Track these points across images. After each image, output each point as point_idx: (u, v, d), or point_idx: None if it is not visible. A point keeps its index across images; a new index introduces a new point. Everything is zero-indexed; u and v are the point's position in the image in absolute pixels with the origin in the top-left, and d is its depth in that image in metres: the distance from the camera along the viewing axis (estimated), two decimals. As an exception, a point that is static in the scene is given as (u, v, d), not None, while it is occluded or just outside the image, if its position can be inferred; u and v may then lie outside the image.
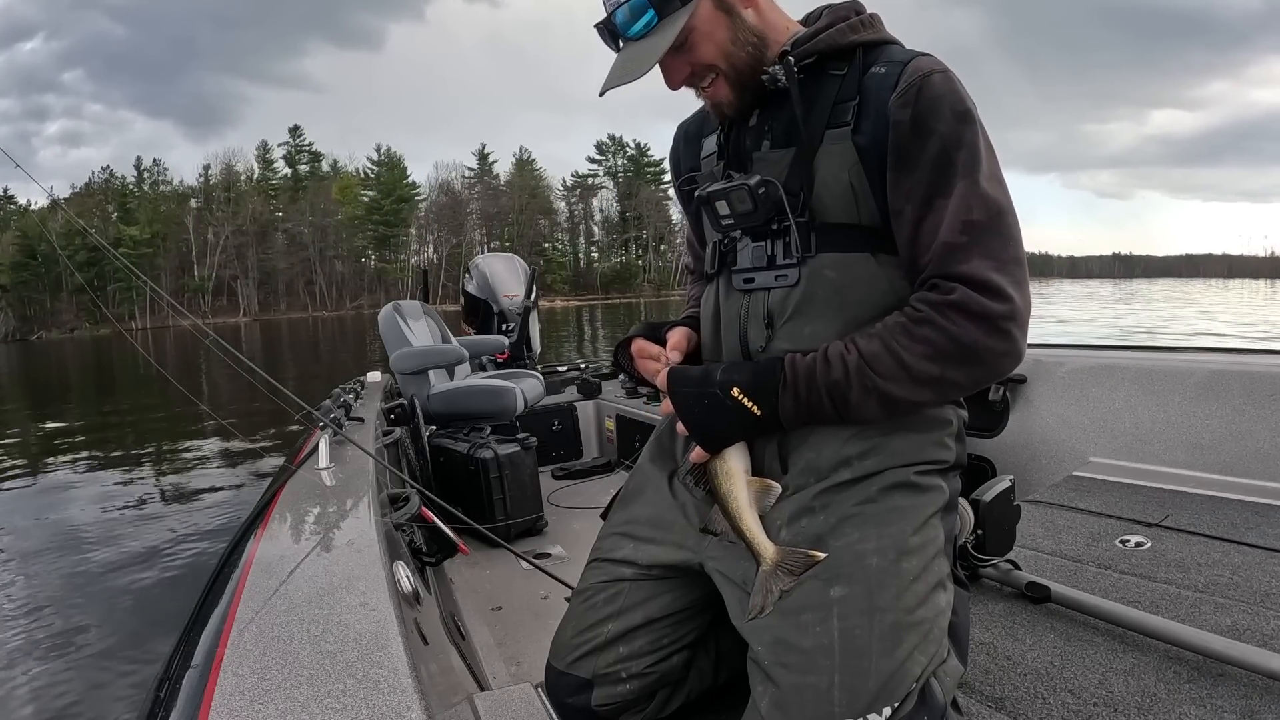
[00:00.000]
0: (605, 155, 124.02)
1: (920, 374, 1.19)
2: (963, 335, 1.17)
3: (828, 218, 1.28)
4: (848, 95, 1.27)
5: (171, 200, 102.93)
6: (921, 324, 1.19)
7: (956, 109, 1.22)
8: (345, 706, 0.97)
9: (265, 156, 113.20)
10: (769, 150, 1.34)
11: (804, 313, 1.30)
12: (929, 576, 1.19)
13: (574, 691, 1.38)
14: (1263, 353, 2.89)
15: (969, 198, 1.21)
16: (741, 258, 1.39)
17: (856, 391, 1.20)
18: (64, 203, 31.78)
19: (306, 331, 54.57)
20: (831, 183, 1.27)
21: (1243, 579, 1.89)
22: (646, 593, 1.40)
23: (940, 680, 1.14)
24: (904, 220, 1.25)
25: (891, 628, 1.12)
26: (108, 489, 8.12)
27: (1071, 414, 3.08)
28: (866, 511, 1.23)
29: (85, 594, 5.05)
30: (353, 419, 2.90)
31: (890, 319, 1.22)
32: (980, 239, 1.20)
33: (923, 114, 1.21)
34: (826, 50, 1.30)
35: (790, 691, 1.10)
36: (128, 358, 31.42)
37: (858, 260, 1.28)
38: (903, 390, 1.20)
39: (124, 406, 16.66)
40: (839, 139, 1.27)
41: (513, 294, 5.87)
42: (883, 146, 1.24)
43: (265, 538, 1.63)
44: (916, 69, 1.23)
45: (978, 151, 1.23)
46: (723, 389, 1.25)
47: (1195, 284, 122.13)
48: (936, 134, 1.21)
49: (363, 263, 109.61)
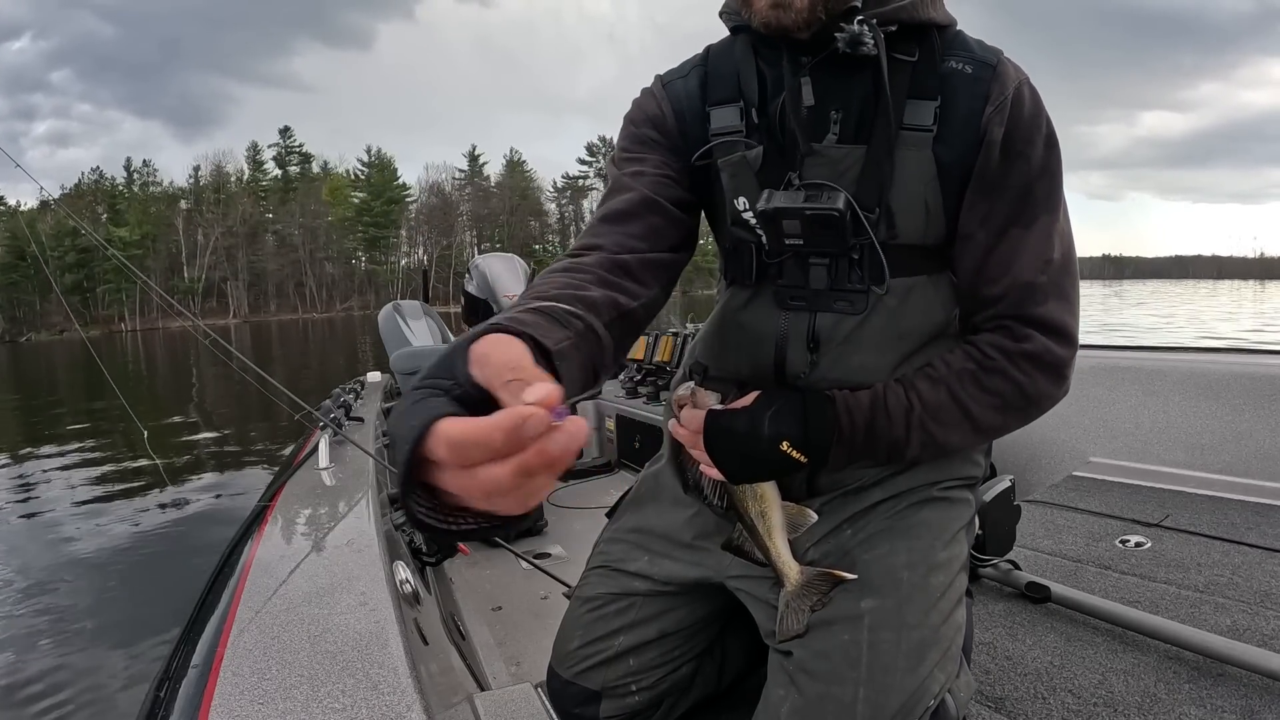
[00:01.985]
0: (596, 157, 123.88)
1: (984, 425, 1.13)
2: (1032, 387, 1.12)
3: (898, 239, 1.13)
4: (926, 91, 1.10)
5: (161, 201, 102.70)
6: (993, 374, 1.11)
7: (1046, 132, 1.11)
8: (345, 706, 0.96)
9: (255, 157, 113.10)
10: (833, 144, 1.13)
11: (856, 342, 1.17)
12: (953, 593, 1.18)
13: (581, 702, 1.35)
14: (1263, 353, 2.91)
15: (1051, 235, 1.13)
16: (790, 273, 1.19)
17: (915, 445, 1.11)
18: (55, 204, 31.59)
19: (297, 333, 54.43)
20: (906, 199, 1.11)
21: (1243, 579, 1.90)
22: (660, 607, 1.36)
23: (955, 696, 1.12)
24: (974, 245, 1.14)
25: (918, 644, 1.10)
26: (106, 489, 8.10)
27: (1071, 414, 3.08)
28: (897, 526, 1.21)
29: (85, 594, 5.03)
30: (353, 419, 2.90)
31: (957, 363, 1.13)
32: (1056, 279, 1.12)
33: (1015, 135, 1.09)
34: (908, 21, 1.09)
35: (814, 701, 1.08)
36: (117, 359, 31.34)
37: (917, 285, 1.16)
38: (961, 439, 1.14)
39: (115, 407, 16.57)
40: (918, 145, 1.10)
41: (513, 294, 5.84)
42: (969, 165, 1.10)
43: (265, 538, 1.63)
44: (1008, 77, 1.10)
45: (1060, 183, 1.14)
46: (771, 444, 1.07)
47: (1206, 284, 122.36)
48: (1025, 159, 1.10)
49: (353, 264, 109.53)
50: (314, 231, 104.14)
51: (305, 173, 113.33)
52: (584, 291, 0.97)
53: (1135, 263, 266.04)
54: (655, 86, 1.28)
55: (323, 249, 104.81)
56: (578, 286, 0.98)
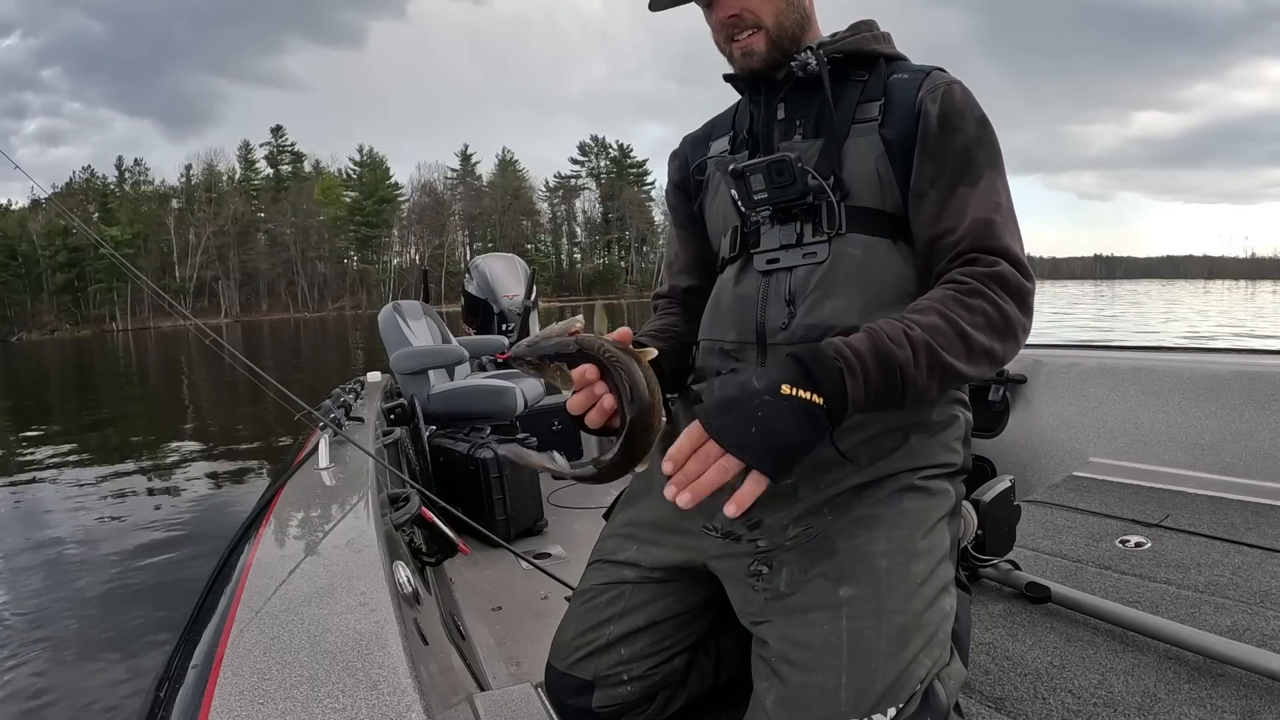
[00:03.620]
0: (588, 156, 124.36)
1: (977, 346, 1.14)
2: (1008, 308, 1.19)
3: (856, 201, 1.32)
4: (873, 96, 1.35)
5: (153, 200, 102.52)
6: (973, 295, 1.18)
7: (978, 115, 1.32)
8: (345, 707, 0.96)
9: (247, 156, 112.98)
10: (798, 140, 1.38)
11: (825, 289, 1.30)
12: (936, 580, 1.19)
13: (575, 693, 1.38)
14: (1263, 353, 2.91)
15: (997, 187, 1.29)
16: (766, 239, 1.39)
17: (924, 370, 1.09)
18: (46, 203, 31.23)
19: (288, 333, 54.36)
20: (859, 169, 1.32)
21: (1243, 579, 1.90)
22: (649, 595, 1.39)
23: (944, 683, 1.14)
24: (927, 201, 1.29)
25: (899, 630, 1.11)
26: (104, 489, 8.07)
27: (1071, 414, 3.09)
28: (876, 514, 1.23)
29: (84, 595, 5.01)
30: (353, 419, 2.89)
31: (935, 294, 1.19)
32: (1008, 222, 1.27)
33: (949, 113, 1.29)
34: (853, 52, 1.38)
35: (797, 689, 1.10)
36: (109, 359, 31.29)
37: (881, 244, 1.32)
38: (962, 365, 1.13)
39: (108, 408, 16.56)
40: (866, 132, 1.33)
41: (513, 294, 5.88)
42: (910, 138, 1.30)
43: (265, 538, 1.62)
44: (939, 77, 1.34)
45: (999, 157, 1.32)
46: (770, 392, 1.02)
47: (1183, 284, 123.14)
48: (961, 132, 1.29)
49: (345, 264, 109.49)
50: (306, 231, 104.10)
51: (297, 172, 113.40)
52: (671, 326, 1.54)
53: (1127, 263, 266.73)
54: (681, 143, 1.65)
55: (314, 248, 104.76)
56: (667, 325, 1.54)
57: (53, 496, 7.86)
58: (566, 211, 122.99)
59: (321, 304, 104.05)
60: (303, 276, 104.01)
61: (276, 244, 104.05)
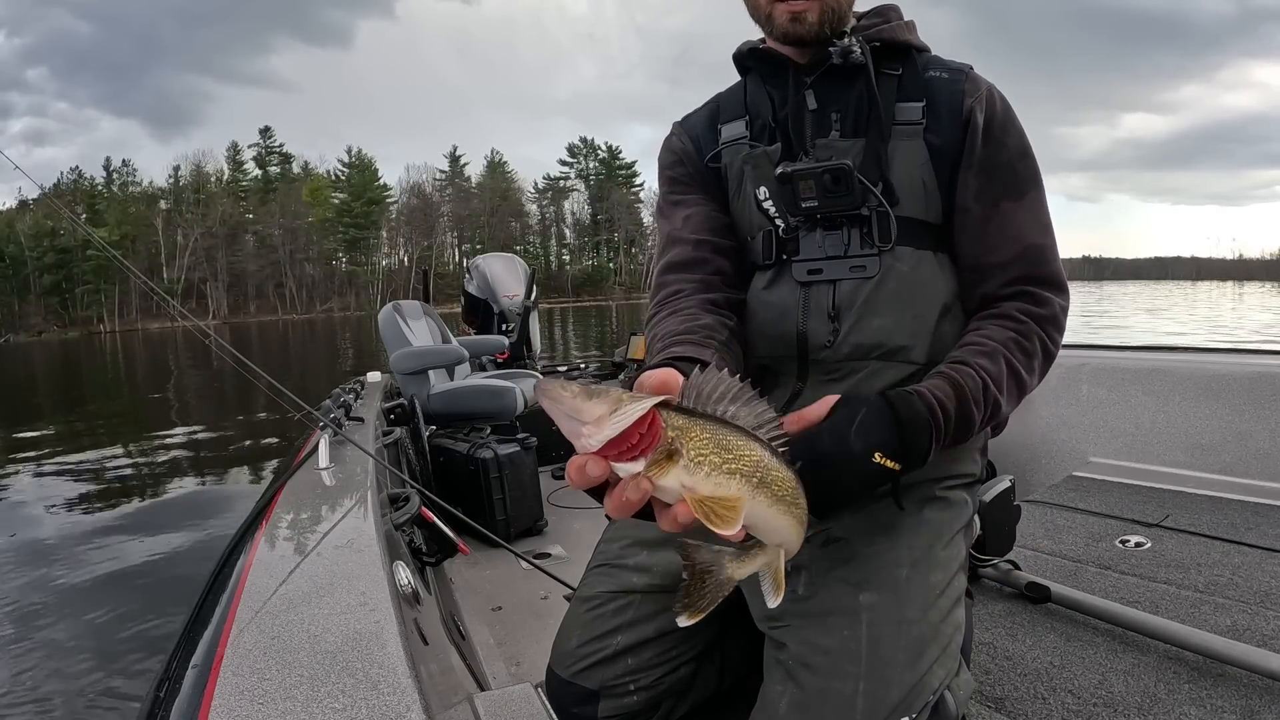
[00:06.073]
0: (577, 158, 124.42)
1: (1026, 388, 1.21)
2: (1053, 351, 1.23)
3: (902, 211, 1.26)
4: (912, 95, 1.28)
5: (140, 201, 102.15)
6: (1029, 337, 1.21)
7: (1018, 125, 1.30)
8: (345, 706, 0.96)
9: (235, 158, 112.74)
10: (836, 139, 1.29)
11: (872, 305, 1.25)
12: (952, 592, 1.20)
13: (579, 702, 1.34)
14: (1263, 353, 2.93)
15: (1041, 204, 1.29)
16: (806, 247, 1.30)
17: (986, 420, 1.16)
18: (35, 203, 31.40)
19: (277, 335, 54.28)
20: (904, 177, 1.26)
21: (1243, 579, 1.91)
22: (659, 605, 1.35)
23: (954, 693, 1.14)
24: (971, 218, 1.27)
25: (917, 640, 1.11)
26: (104, 489, 8.06)
27: (1071, 414, 3.11)
28: (898, 523, 1.22)
29: (84, 595, 4.99)
30: (353, 419, 2.89)
31: (999, 335, 1.20)
32: (1053, 243, 1.28)
33: (993, 123, 1.26)
34: (889, 40, 1.30)
35: (813, 694, 1.09)
36: (99, 360, 31.19)
37: (926, 259, 1.27)
38: (1008, 407, 1.19)
39: (101, 409, 16.51)
40: (910, 135, 1.27)
41: (513, 294, 5.90)
42: (957, 147, 1.26)
43: (265, 538, 1.61)
44: (979, 79, 1.29)
45: (1038, 169, 1.30)
46: (864, 459, 1.00)
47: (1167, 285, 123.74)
48: (1003, 144, 1.27)
49: (333, 265, 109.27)
50: (294, 232, 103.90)
51: (285, 173, 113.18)
52: (699, 320, 1.23)
53: (1115, 264, 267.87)
54: (674, 128, 1.50)
55: (303, 250, 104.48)
56: (692, 318, 1.24)
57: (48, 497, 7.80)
58: (555, 213, 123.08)
59: (310, 306, 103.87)
60: (291, 278, 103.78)
61: (265, 246, 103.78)
